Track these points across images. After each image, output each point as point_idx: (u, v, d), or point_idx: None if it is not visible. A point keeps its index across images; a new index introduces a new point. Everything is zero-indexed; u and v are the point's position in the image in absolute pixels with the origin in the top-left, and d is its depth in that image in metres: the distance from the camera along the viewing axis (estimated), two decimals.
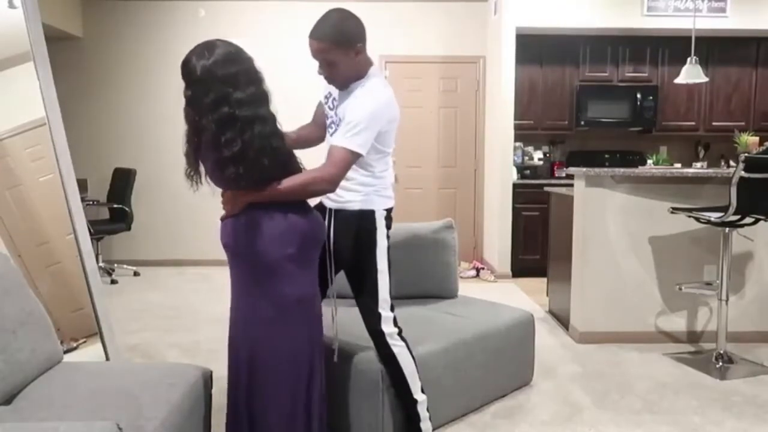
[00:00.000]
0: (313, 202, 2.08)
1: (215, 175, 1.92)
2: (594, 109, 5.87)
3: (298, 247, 1.95)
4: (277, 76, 5.96)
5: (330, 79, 2.07)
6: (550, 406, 2.77)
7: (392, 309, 2.18)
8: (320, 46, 1.97)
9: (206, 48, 1.83)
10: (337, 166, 1.94)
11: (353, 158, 1.97)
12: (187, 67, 1.83)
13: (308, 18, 2.15)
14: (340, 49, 1.97)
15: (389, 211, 2.20)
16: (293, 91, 4.54)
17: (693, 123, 5.97)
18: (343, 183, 2.07)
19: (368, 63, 2.10)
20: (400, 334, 2.19)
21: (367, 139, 1.97)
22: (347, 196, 2.13)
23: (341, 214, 2.14)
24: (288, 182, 1.90)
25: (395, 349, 2.16)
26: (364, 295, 2.16)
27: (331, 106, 2.16)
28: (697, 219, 3.26)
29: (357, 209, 2.13)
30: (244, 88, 1.82)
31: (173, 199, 6.17)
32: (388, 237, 2.18)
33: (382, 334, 2.15)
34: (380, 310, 2.14)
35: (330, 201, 2.16)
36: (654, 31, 5.58)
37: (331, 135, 2.14)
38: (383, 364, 2.20)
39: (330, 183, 1.95)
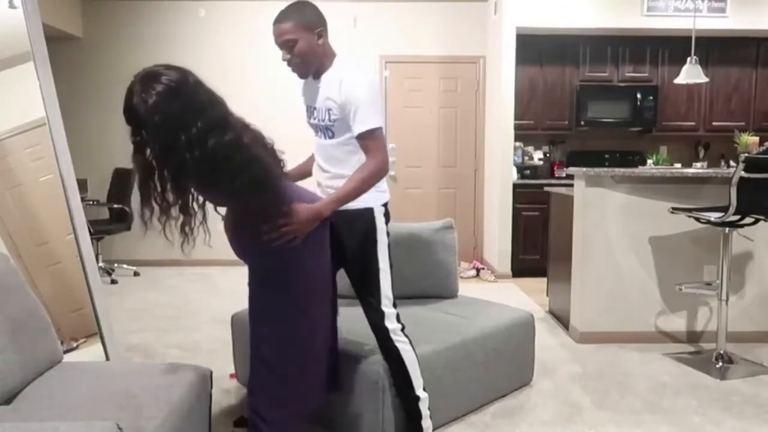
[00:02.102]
0: None
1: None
2: (594, 109, 5.87)
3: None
4: (276, 77, 6.05)
5: (292, 63, 2.06)
6: (550, 406, 2.77)
7: (395, 305, 2.19)
8: (282, 28, 2.01)
9: (144, 87, 1.68)
10: (378, 150, 2.03)
11: (382, 132, 2.05)
12: (131, 113, 1.69)
13: None
14: (303, 29, 2.01)
15: (386, 205, 2.20)
16: (292, 92, 4.50)
17: (693, 123, 5.97)
18: (339, 183, 2.08)
19: (332, 54, 2.12)
20: (403, 330, 2.20)
21: (376, 110, 2.04)
22: None
23: (340, 214, 2.13)
24: (349, 185, 2.00)
25: (399, 345, 2.17)
26: (367, 293, 2.17)
27: (312, 114, 2.18)
28: (697, 219, 3.26)
29: (355, 208, 2.12)
30: (197, 119, 1.70)
31: None
32: (387, 233, 2.18)
33: (385, 330, 2.16)
34: (383, 307, 2.15)
35: None
36: (654, 31, 5.58)
37: (327, 140, 2.15)
38: (386, 360, 2.21)
39: (383, 168, 2.05)
